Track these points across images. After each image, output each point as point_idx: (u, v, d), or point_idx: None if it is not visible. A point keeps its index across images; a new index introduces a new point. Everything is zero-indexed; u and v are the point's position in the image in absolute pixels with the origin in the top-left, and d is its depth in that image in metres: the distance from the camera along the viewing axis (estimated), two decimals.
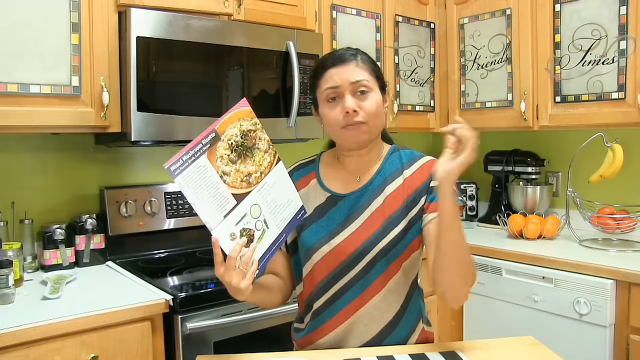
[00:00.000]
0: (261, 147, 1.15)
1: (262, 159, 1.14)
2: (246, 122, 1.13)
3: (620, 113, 2.11)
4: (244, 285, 1.07)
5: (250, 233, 1.10)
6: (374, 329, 1.24)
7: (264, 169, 1.14)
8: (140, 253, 2.13)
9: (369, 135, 1.24)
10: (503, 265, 2.16)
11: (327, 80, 1.23)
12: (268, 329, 1.75)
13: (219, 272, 1.07)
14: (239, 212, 1.09)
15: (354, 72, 1.22)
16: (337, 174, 1.32)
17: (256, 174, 1.13)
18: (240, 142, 1.11)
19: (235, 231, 1.08)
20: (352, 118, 1.21)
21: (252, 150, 1.13)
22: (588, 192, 2.41)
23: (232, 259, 1.05)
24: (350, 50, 1.26)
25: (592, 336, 1.89)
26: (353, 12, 2.42)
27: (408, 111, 2.67)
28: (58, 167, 2.06)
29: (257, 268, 1.10)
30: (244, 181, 1.10)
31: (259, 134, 1.15)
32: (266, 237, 1.13)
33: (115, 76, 1.80)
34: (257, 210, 1.12)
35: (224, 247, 1.06)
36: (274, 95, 2.08)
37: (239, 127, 1.12)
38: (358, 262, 1.22)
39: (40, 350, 1.38)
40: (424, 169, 1.28)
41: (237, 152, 1.10)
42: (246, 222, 1.10)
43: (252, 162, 1.12)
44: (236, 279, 1.06)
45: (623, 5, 2.08)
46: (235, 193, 1.09)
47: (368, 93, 1.22)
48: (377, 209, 1.24)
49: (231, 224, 1.07)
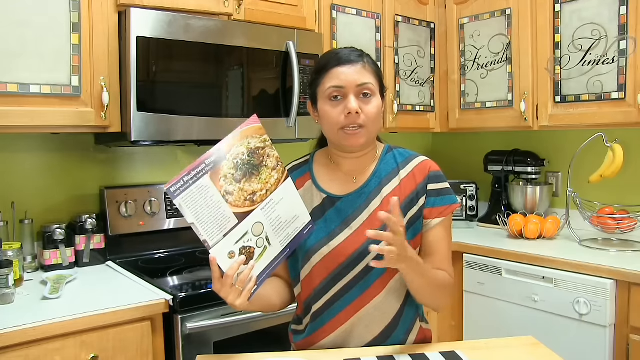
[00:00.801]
0: (269, 164, 1.12)
1: (269, 177, 1.12)
2: (255, 140, 1.11)
3: (620, 113, 2.11)
4: (239, 303, 1.07)
5: (250, 251, 1.09)
6: (375, 329, 1.24)
7: (270, 186, 1.12)
8: (140, 253, 2.13)
9: (366, 139, 1.24)
10: (503, 265, 2.16)
11: (332, 78, 1.22)
12: (268, 329, 1.75)
13: (215, 288, 1.07)
14: (240, 230, 1.07)
15: (361, 75, 1.22)
16: (333, 175, 1.31)
17: (261, 192, 1.10)
18: (246, 160, 1.09)
19: (235, 249, 1.07)
20: (354, 120, 1.20)
21: (259, 168, 1.10)
22: (588, 192, 2.41)
23: (228, 277, 1.05)
24: (356, 52, 1.26)
25: (592, 336, 1.89)
26: (353, 12, 2.42)
27: (408, 111, 2.67)
28: (58, 167, 2.06)
29: (255, 284, 1.09)
30: (248, 200, 1.08)
31: (268, 151, 1.12)
32: (267, 254, 1.12)
33: (115, 76, 1.80)
34: (259, 228, 1.10)
35: (221, 266, 1.05)
36: (274, 95, 2.08)
37: (247, 145, 1.09)
38: (358, 264, 1.22)
39: (40, 350, 1.38)
40: (420, 169, 1.28)
41: (242, 171, 1.08)
42: (247, 240, 1.08)
43: (257, 181, 1.10)
44: (232, 297, 1.07)
45: (623, 5, 2.08)
46: (237, 212, 1.07)
47: (371, 97, 1.22)
48: (376, 210, 1.24)
49: (230, 243, 1.06)
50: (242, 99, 2.00)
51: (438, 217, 1.26)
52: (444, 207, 1.26)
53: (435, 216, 1.26)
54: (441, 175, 1.29)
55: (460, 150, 3.11)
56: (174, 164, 2.32)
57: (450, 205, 1.27)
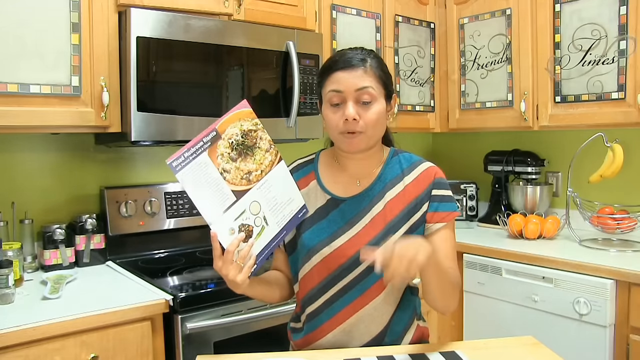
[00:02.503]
0: (262, 146, 1.17)
1: (263, 158, 1.17)
2: (247, 122, 1.16)
3: (620, 113, 2.11)
4: (240, 278, 1.10)
5: (249, 229, 1.13)
6: (373, 329, 1.25)
7: (264, 167, 1.17)
8: (140, 253, 2.13)
9: (365, 144, 1.24)
10: (503, 265, 2.16)
11: (332, 82, 1.23)
12: (268, 329, 1.75)
13: (217, 265, 1.10)
14: (238, 208, 1.11)
15: (360, 79, 1.20)
16: (337, 177, 1.31)
17: (256, 172, 1.16)
18: (240, 141, 1.14)
19: (234, 226, 1.11)
20: (351, 126, 1.21)
21: (253, 149, 1.16)
22: (588, 192, 2.41)
23: (229, 252, 1.08)
24: (360, 54, 1.24)
25: (592, 336, 1.89)
26: (353, 12, 2.42)
27: (408, 111, 2.67)
28: (58, 167, 2.06)
29: (255, 263, 1.13)
30: (244, 179, 1.13)
31: (260, 134, 1.18)
32: (265, 234, 1.16)
33: (115, 76, 1.80)
34: (256, 207, 1.15)
35: (222, 242, 1.09)
36: (274, 95, 2.08)
37: (240, 126, 1.14)
38: (358, 265, 1.22)
39: (40, 350, 1.38)
40: (426, 174, 1.28)
41: (237, 151, 1.13)
42: (245, 218, 1.12)
43: (252, 161, 1.15)
44: (233, 272, 1.09)
45: (623, 5, 2.08)
46: (235, 190, 1.12)
47: (371, 102, 1.21)
48: (378, 213, 1.25)
49: (230, 219, 1.10)
50: (242, 99, 1.99)
51: (440, 222, 1.26)
52: (445, 213, 1.26)
53: (436, 221, 1.26)
54: (445, 183, 1.30)
55: (460, 150, 3.11)
56: None
57: (451, 212, 1.27)
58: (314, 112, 2.18)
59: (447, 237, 1.27)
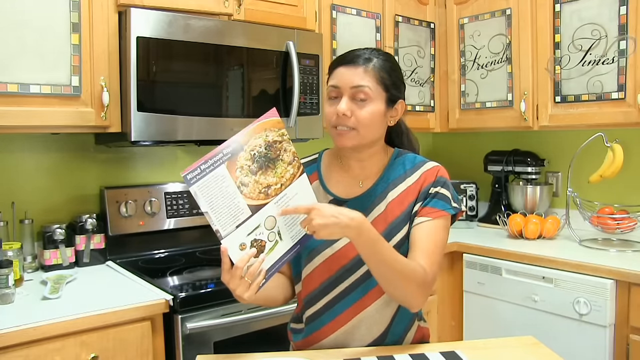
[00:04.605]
0: (285, 158, 1.13)
1: (284, 171, 1.12)
2: (272, 133, 1.11)
3: (620, 113, 2.11)
4: (247, 296, 1.08)
5: (261, 244, 1.09)
6: (375, 331, 1.24)
7: (285, 180, 1.12)
8: (140, 253, 2.13)
9: (357, 141, 1.22)
10: (503, 265, 2.16)
11: (333, 77, 1.24)
12: (268, 329, 1.75)
13: (224, 279, 1.08)
14: (253, 223, 1.08)
15: (358, 77, 1.20)
16: (340, 178, 1.31)
17: (276, 185, 1.11)
18: (263, 153, 1.09)
19: (246, 241, 1.07)
20: (343, 121, 1.20)
21: (275, 162, 1.11)
22: (588, 192, 2.41)
23: (238, 269, 1.06)
24: (367, 54, 1.23)
25: (592, 336, 1.89)
26: (353, 12, 2.42)
27: (408, 111, 2.64)
28: (58, 167, 2.06)
29: (264, 278, 1.10)
30: (262, 192, 1.09)
31: (285, 145, 1.13)
32: (277, 249, 1.12)
33: (115, 76, 1.80)
34: (271, 221, 1.10)
35: (232, 257, 1.06)
36: (274, 95, 2.08)
37: (264, 137, 1.10)
38: (360, 266, 1.22)
39: (40, 350, 1.38)
40: (429, 173, 1.26)
41: (258, 163, 1.08)
42: (259, 233, 1.09)
43: (273, 174, 1.10)
44: (240, 289, 1.07)
45: (623, 5, 2.08)
46: (251, 204, 1.07)
47: (366, 102, 1.20)
48: (380, 215, 1.24)
49: (242, 234, 1.07)
50: (242, 99, 2.00)
51: (425, 216, 1.22)
52: (433, 210, 1.22)
53: (422, 215, 1.22)
54: (446, 182, 1.26)
55: (460, 150, 3.11)
56: (174, 164, 2.32)
57: (439, 210, 1.23)
58: (314, 112, 2.18)
59: (430, 232, 1.21)
